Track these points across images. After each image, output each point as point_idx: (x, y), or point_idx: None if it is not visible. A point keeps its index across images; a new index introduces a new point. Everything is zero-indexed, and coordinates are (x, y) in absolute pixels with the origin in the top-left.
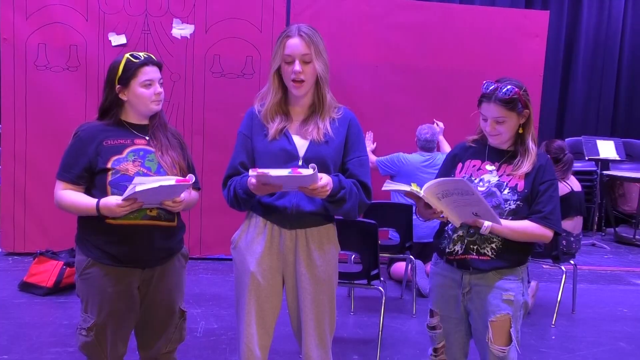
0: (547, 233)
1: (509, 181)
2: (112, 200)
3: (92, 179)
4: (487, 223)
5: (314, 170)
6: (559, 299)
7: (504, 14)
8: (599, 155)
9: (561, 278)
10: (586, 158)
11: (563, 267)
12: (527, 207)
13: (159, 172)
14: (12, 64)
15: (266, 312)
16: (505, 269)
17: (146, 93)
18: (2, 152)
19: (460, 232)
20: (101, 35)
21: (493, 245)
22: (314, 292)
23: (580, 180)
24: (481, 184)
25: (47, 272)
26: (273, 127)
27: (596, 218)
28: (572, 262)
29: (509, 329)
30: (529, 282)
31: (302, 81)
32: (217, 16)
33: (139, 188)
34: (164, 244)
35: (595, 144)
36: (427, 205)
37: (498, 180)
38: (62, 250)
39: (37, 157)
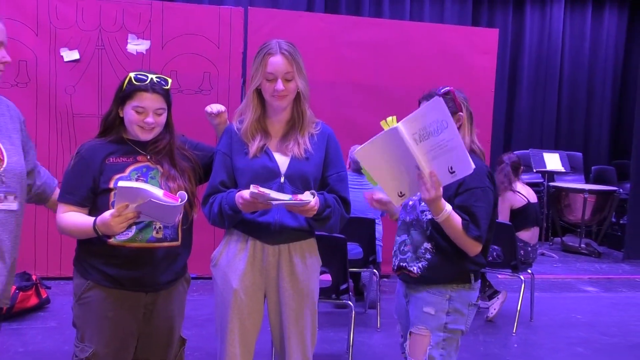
0: (470, 242)
1: None
2: (106, 215)
3: (94, 200)
4: (448, 207)
5: (313, 196)
6: (518, 308)
7: (456, 32)
8: (545, 167)
9: (519, 287)
10: (534, 170)
11: (522, 277)
12: None
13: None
14: None
15: (248, 329)
16: (431, 284)
17: (134, 118)
18: None
19: (394, 248)
20: (52, 50)
21: (420, 265)
22: (297, 307)
23: None
24: (411, 203)
25: None
26: (254, 145)
27: (544, 228)
28: (529, 271)
29: (425, 347)
30: (492, 294)
31: (284, 96)
32: (174, 32)
33: (124, 184)
34: (170, 266)
35: (542, 157)
36: None
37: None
38: (15, 273)
39: None
